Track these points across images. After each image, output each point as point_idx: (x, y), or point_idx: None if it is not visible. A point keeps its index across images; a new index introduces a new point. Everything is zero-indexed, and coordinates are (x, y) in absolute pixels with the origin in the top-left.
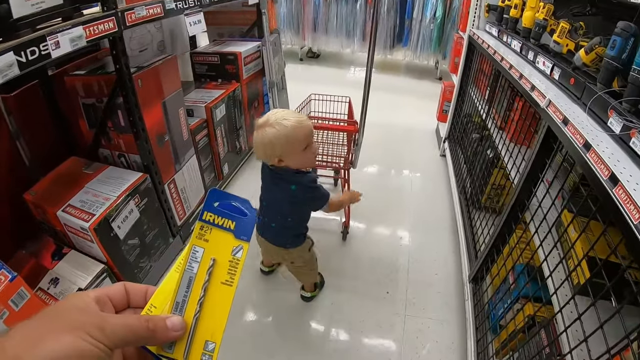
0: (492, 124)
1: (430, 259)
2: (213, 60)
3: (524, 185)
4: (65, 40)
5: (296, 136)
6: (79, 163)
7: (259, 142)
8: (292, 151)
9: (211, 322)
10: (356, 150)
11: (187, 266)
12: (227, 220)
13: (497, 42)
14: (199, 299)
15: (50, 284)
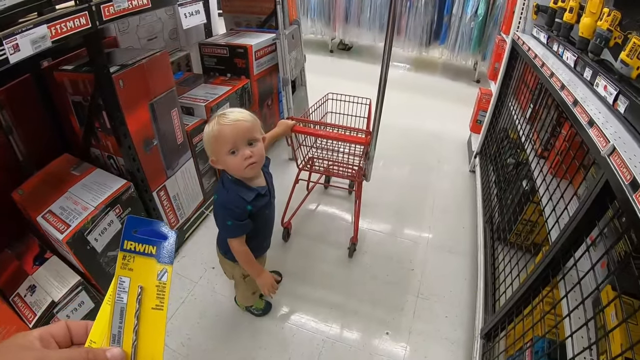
0: (531, 148)
1: (442, 294)
2: (222, 52)
3: (563, 244)
4: (25, 42)
5: (224, 135)
6: (69, 162)
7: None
8: (218, 151)
9: (149, 347)
10: (368, 164)
11: (116, 297)
12: (147, 246)
13: (545, 51)
14: (134, 328)
15: (28, 291)
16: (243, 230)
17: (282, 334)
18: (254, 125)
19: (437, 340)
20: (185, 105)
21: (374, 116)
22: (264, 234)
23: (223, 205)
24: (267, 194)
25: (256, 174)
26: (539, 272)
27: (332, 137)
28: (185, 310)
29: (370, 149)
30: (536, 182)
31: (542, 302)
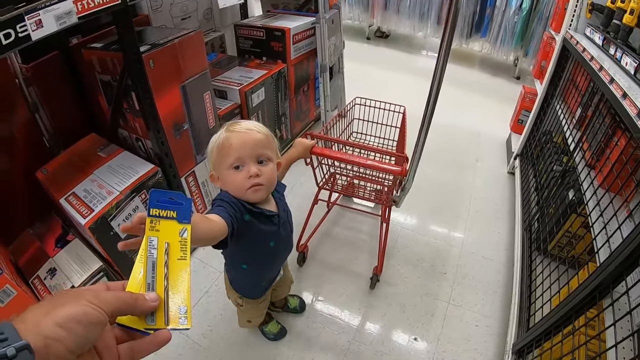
0: (580, 156)
1: (473, 302)
2: (258, 35)
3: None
4: (49, 18)
5: (229, 145)
6: (96, 143)
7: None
8: (220, 164)
9: (179, 290)
10: (402, 195)
11: (147, 254)
12: (169, 212)
13: (600, 53)
14: (165, 275)
15: (48, 274)
16: (219, 210)
17: (307, 332)
18: (268, 140)
19: (466, 351)
20: (219, 88)
21: (418, 140)
22: (264, 266)
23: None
24: (275, 221)
25: (262, 200)
26: (585, 294)
27: (359, 163)
28: (207, 302)
29: (407, 180)
30: (585, 195)
31: (586, 326)
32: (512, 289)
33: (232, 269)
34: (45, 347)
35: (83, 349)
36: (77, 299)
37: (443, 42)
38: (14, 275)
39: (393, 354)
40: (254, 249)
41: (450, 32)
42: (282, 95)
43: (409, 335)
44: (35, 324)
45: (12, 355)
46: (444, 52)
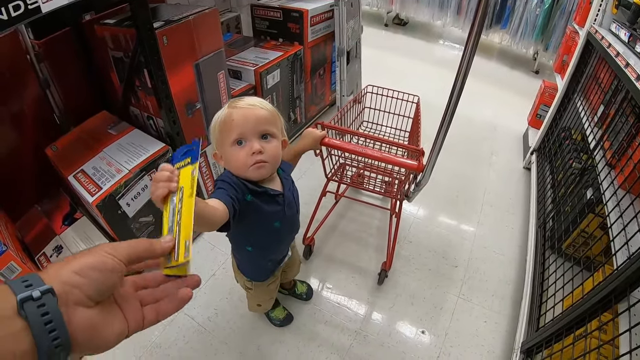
0: (601, 155)
1: (483, 298)
2: (275, 16)
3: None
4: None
5: (232, 120)
6: (107, 120)
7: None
8: (222, 141)
9: (185, 225)
10: (415, 191)
11: (170, 202)
12: (186, 160)
13: (626, 50)
14: (178, 210)
15: (54, 251)
16: (219, 193)
17: (313, 321)
18: (272, 116)
19: (473, 346)
20: (233, 68)
21: (438, 134)
22: (269, 248)
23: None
24: (280, 200)
25: (265, 178)
26: (600, 297)
27: (373, 156)
28: (214, 284)
29: (423, 176)
30: (604, 195)
31: (600, 330)
32: (523, 286)
33: (237, 251)
34: (64, 293)
35: (101, 296)
36: (95, 251)
37: (471, 33)
38: (20, 252)
39: (399, 345)
40: (258, 230)
41: (480, 22)
42: (297, 77)
43: (417, 328)
44: (55, 273)
45: (37, 297)
46: (471, 44)
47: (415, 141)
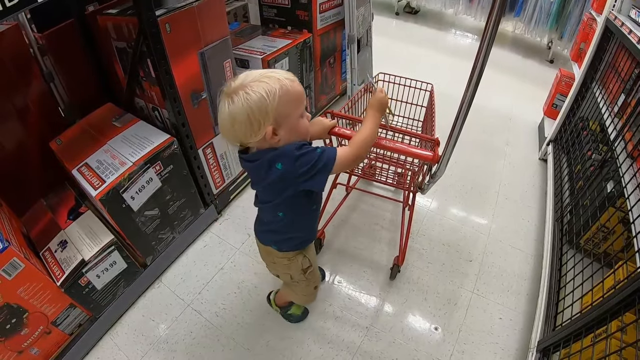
0: (622, 146)
1: (499, 293)
2: (283, 3)
3: None
4: None
5: (297, 92)
6: (112, 112)
7: (233, 112)
8: (290, 114)
9: None
10: (430, 182)
11: None
12: None
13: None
14: None
15: (59, 246)
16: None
17: (324, 316)
18: None
19: (488, 344)
20: (240, 57)
21: (455, 125)
22: (321, 202)
23: (297, 153)
24: None
25: None
26: (623, 296)
27: (386, 147)
28: (222, 279)
29: (439, 167)
30: (626, 188)
31: (622, 331)
32: (539, 282)
33: (304, 217)
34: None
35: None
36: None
37: (489, 21)
38: (25, 247)
39: (412, 343)
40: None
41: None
42: (307, 66)
43: (430, 324)
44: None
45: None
46: (489, 32)
47: (429, 131)
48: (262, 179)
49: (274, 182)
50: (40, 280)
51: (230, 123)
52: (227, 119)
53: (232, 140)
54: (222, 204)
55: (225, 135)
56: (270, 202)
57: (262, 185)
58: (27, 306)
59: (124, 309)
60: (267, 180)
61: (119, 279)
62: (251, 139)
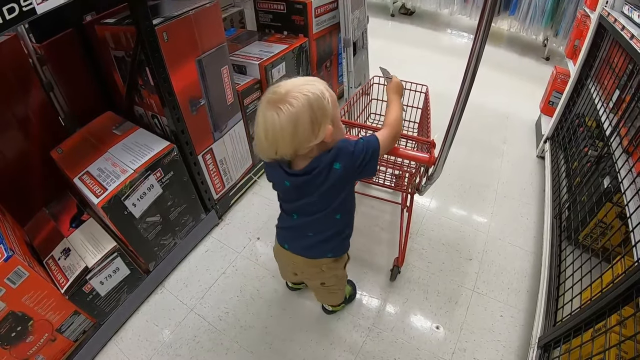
0: (617, 142)
1: (499, 291)
2: (279, 8)
3: None
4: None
5: (333, 96)
6: (111, 121)
7: (294, 116)
8: (337, 113)
9: None
10: (427, 184)
11: None
12: None
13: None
14: None
15: (62, 254)
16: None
17: (326, 317)
18: None
19: (489, 342)
20: (238, 63)
21: (450, 125)
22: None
23: (350, 146)
24: None
25: None
26: (621, 290)
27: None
28: (225, 283)
29: (435, 169)
30: (622, 183)
31: (621, 325)
32: (539, 279)
33: (349, 218)
34: None
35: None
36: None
37: (482, 20)
38: (28, 256)
39: (414, 342)
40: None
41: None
42: (303, 70)
43: (431, 323)
44: None
45: None
46: (482, 32)
47: (425, 132)
48: (319, 186)
49: (334, 184)
50: (45, 288)
51: (293, 127)
52: (289, 125)
53: (289, 150)
54: (223, 209)
55: (281, 145)
56: (326, 209)
57: (317, 194)
58: (32, 314)
59: (128, 315)
60: (327, 185)
61: (123, 285)
62: (312, 143)
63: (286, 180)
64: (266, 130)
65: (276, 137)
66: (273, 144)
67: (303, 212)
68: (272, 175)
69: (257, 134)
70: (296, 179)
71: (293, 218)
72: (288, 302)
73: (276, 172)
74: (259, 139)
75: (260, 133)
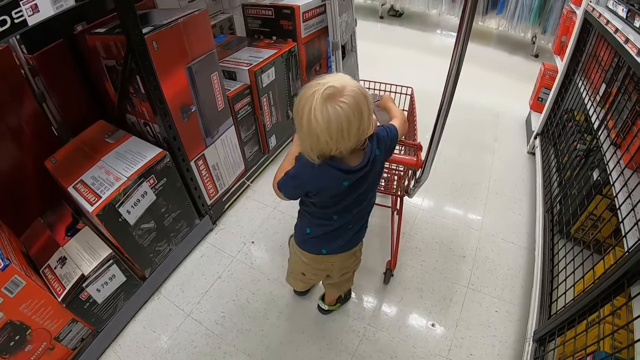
0: (605, 134)
1: (493, 287)
2: (267, 14)
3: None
4: (45, 2)
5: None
6: (104, 129)
7: (358, 107)
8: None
9: None
10: (416, 187)
11: None
12: None
13: (624, 26)
14: None
15: (58, 263)
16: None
17: (322, 318)
18: None
19: (485, 337)
20: (227, 69)
21: (435, 127)
22: None
23: (383, 129)
24: None
25: None
26: (612, 281)
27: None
28: (220, 287)
29: (423, 172)
30: (611, 175)
31: (614, 315)
32: (533, 273)
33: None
34: None
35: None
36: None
37: (463, 20)
38: (25, 265)
39: (410, 340)
40: None
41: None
42: (293, 74)
43: (427, 321)
44: None
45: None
46: (464, 32)
47: (411, 135)
48: (369, 177)
49: (380, 169)
50: (42, 296)
51: (358, 118)
52: (354, 116)
53: (352, 143)
54: (217, 214)
55: (346, 138)
56: (368, 199)
57: (366, 184)
58: (30, 323)
59: (125, 322)
60: (374, 173)
61: (119, 292)
62: (370, 132)
63: (344, 181)
64: (329, 124)
65: (342, 130)
66: (338, 138)
67: (346, 210)
68: (322, 182)
69: (316, 130)
70: (355, 175)
71: (333, 220)
72: (284, 305)
73: (329, 175)
74: (320, 136)
75: (320, 129)
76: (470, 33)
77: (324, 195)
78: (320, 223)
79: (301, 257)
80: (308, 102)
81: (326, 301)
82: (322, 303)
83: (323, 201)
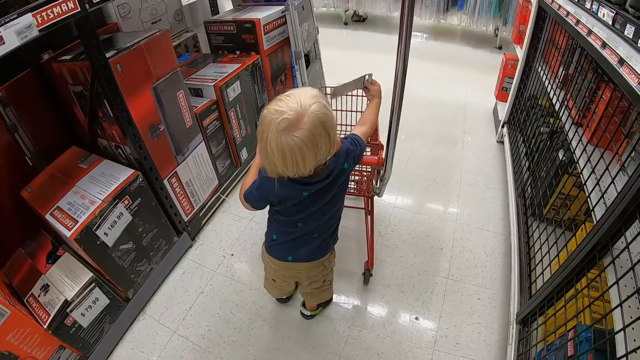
0: (567, 115)
1: (473, 275)
2: (229, 29)
3: (613, 223)
4: (10, 34)
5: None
6: (77, 155)
7: (312, 133)
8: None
9: None
10: (381, 185)
11: None
12: None
13: (577, 9)
14: None
15: (41, 290)
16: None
17: (306, 322)
18: None
19: (470, 325)
20: (193, 86)
21: (391, 122)
22: None
23: (348, 143)
24: None
25: None
26: (583, 255)
27: None
28: (204, 302)
29: (385, 170)
30: (575, 153)
31: (589, 287)
32: (511, 258)
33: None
34: None
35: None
36: None
37: (403, 16)
38: (8, 295)
39: (395, 335)
40: None
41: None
42: (259, 87)
43: (410, 315)
44: None
45: None
46: (405, 27)
47: (374, 136)
48: (333, 188)
49: (345, 181)
50: (28, 324)
51: (313, 148)
52: (308, 147)
53: (312, 167)
54: (195, 230)
55: (301, 165)
56: (334, 209)
57: (330, 195)
58: (18, 352)
59: (113, 345)
60: (339, 183)
61: (104, 314)
62: (331, 154)
63: (304, 191)
64: (284, 155)
65: (296, 161)
66: (293, 167)
67: (311, 219)
68: (282, 193)
69: (272, 159)
70: (315, 186)
71: (297, 227)
72: (267, 313)
73: (289, 188)
74: (276, 164)
75: (276, 158)
76: (411, 29)
77: (286, 204)
78: (285, 230)
79: (269, 263)
80: (266, 130)
81: (307, 307)
82: (304, 309)
83: (286, 209)
